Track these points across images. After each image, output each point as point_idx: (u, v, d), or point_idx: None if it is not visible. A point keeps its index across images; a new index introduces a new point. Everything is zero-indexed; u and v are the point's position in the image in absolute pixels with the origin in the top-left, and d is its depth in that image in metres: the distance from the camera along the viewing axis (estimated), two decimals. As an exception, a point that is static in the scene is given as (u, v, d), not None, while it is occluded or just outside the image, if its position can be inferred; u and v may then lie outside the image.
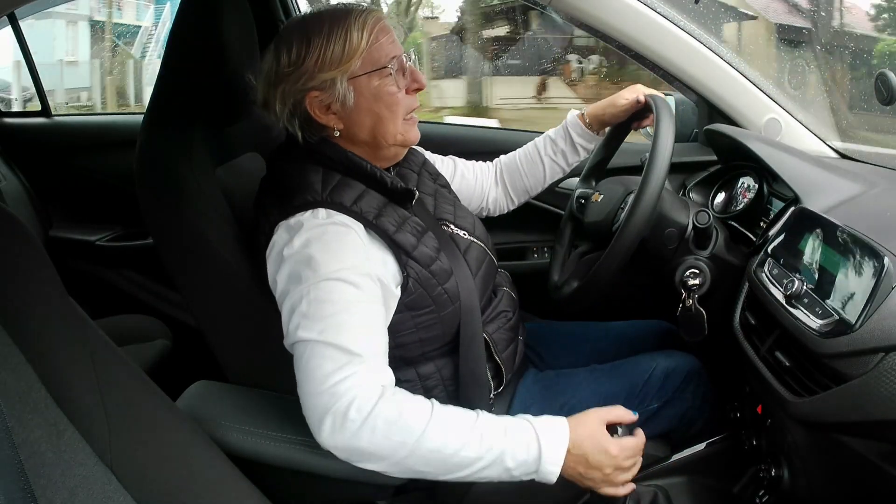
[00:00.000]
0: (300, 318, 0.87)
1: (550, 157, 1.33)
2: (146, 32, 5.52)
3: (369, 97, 0.98)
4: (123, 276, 2.02)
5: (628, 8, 1.34)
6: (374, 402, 0.83)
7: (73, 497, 0.66)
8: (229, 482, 0.83)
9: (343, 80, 0.96)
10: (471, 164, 1.35)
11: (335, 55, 0.95)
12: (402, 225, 0.99)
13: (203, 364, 1.14)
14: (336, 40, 0.95)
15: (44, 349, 0.70)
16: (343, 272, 0.89)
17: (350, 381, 0.83)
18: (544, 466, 0.87)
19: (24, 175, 2.06)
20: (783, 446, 0.99)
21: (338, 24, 0.96)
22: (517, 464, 0.86)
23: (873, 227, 0.90)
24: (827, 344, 0.84)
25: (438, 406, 0.87)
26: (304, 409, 0.85)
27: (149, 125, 1.09)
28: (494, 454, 0.86)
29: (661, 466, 1.09)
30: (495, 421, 0.88)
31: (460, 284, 1.02)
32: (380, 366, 0.88)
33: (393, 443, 0.83)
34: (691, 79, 1.39)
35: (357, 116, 0.99)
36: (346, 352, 0.84)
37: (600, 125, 1.31)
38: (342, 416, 0.82)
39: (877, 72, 1.11)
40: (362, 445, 0.83)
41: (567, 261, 1.32)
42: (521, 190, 1.36)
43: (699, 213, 1.11)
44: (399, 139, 1.02)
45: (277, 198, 0.98)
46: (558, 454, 0.87)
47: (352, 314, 0.87)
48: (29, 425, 0.65)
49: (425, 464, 0.85)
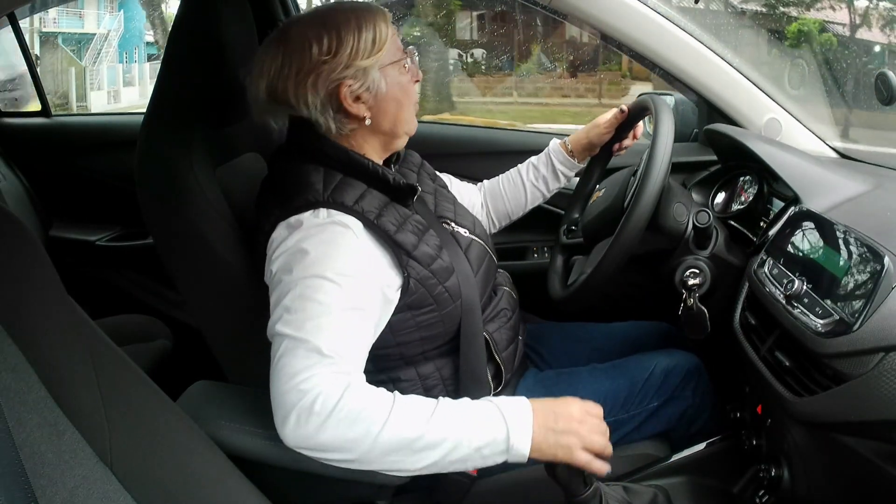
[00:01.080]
0: (282, 312, 0.88)
1: (532, 183, 1.36)
2: (102, 39, 5.68)
3: (395, 85, 1.02)
4: (123, 276, 2.01)
5: (628, 8, 1.34)
6: (338, 397, 0.82)
7: (73, 497, 0.66)
8: (229, 482, 0.82)
9: (376, 69, 1.00)
10: (463, 185, 1.37)
11: (367, 45, 0.99)
12: (402, 224, 0.99)
13: (203, 364, 1.14)
14: (367, 31, 0.99)
15: (44, 349, 0.70)
16: (332, 273, 0.89)
17: (316, 378, 0.83)
18: (514, 438, 0.84)
19: (24, 175, 2.05)
20: (783, 446, 0.99)
21: (365, 17, 1.00)
22: (486, 442, 0.84)
23: (873, 226, 0.90)
24: (827, 344, 0.84)
25: (400, 396, 0.87)
26: (272, 404, 0.85)
27: (149, 125, 1.09)
28: (459, 435, 0.84)
29: (661, 466, 1.09)
30: (456, 404, 0.87)
31: (461, 282, 1.02)
32: (351, 367, 0.87)
33: (356, 434, 0.83)
34: (691, 79, 1.39)
35: (385, 104, 1.02)
36: (318, 353, 0.84)
37: (584, 151, 1.34)
38: (307, 412, 0.82)
39: (877, 72, 1.12)
40: (326, 439, 0.83)
41: (566, 256, 1.33)
42: (502, 214, 1.38)
43: (699, 213, 1.11)
44: (409, 127, 1.07)
45: (279, 198, 0.98)
46: (525, 422, 0.85)
47: (333, 316, 0.87)
48: (29, 425, 0.65)
49: (392, 452, 0.84)
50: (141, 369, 0.80)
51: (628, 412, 1.13)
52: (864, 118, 1.55)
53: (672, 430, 1.17)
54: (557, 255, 1.34)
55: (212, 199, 1.05)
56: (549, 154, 1.35)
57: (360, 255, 0.93)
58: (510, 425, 0.85)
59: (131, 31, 6.26)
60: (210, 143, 1.10)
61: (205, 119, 1.10)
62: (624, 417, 1.13)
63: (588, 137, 1.32)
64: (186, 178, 1.03)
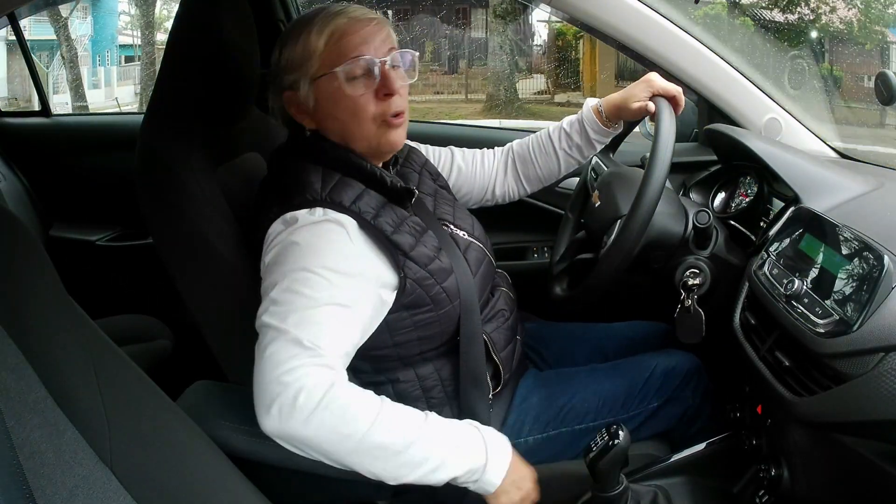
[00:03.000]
0: (269, 303, 0.88)
1: (565, 151, 1.28)
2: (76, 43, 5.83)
3: (328, 99, 0.99)
4: (123, 276, 2.01)
5: (628, 8, 1.34)
6: (323, 392, 0.83)
7: (72, 497, 0.66)
8: (229, 482, 0.82)
9: (305, 82, 0.98)
10: (471, 153, 1.31)
11: (296, 56, 0.98)
12: (399, 225, 0.99)
13: (203, 364, 1.13)
14: (297, 42, 0.98)
15: (44, 349, 0.70)
16: (321, 268, 0.89)
17: (300, 370, 0.83)
18: (488, 474, 0.90)
19: (24, 175, 2.06)
20: (783, 446, 0.99)
21: (301, 26, 0.99)
22: (465, 471, 0.88)
23: (873, 226, 0.90)
24: (827, 344, 0.84)
25: (388, 402, 0.88)
26: (254, 394, 0.85)
27: (149, 125, 1.09)
28: (441, 457, 0.87)
29: (661, 466, 1.09)
30: (443, 424, 0.91)
31: (460, 283, 1.02)
32: (335, 363, 0.87)
33: (340, 435, 0.83)
34: (691, 79, 1.39)
35: (323, 118, 1.01)
36: (303, 346, 0.85)
37: (615, 113, 1.22)
38: (290, 405, 0.82)
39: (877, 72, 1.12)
40: (308, 434, 0.83)
41: (567, 257, 1.32)
42: (534, 179, 1.32)
43: (699, 213, 1.11)
44: (372, 144, 1.01)
45: (278, 197, 0.98)
46: (502, 463, 0.91)
47: (320, 311, 0.88)
48: (29, 425, 0.65)
49: (373, 459, 0.85)
50: (141, 369, 0.80)
51: (628, 412, 1.13)
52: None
53: (672, 431, 1.16)
54: (558, 256, 1.34)
55: (212, 198, 1.05)
56: (583, 122, 1.25)
57: (353, 253, 0.94)
58: (490, 459, 0.90)
59: (103, 36, 6.42)
60: (210, 142, 1.10)
61: (205, 119, 1.10)
62: (623, 418, 1.12)
63: (620, 111, 1.20)
64: (186, 177, 1.03)
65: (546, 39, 6.98)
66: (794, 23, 4.82)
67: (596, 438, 0.89)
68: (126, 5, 6.68)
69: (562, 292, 1.23)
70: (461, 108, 6.78)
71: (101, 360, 0.74)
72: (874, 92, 1.17)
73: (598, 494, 0.89)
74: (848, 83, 3.53)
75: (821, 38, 4.61)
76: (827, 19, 4.86)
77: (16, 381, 0.66)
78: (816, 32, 4.81)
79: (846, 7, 4.74)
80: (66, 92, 5.67)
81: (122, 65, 6.67)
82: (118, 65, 6.61)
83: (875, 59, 4.43)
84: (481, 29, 7.01)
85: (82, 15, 6.19)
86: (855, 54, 4.31)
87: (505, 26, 6.64)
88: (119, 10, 6.69)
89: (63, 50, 5.46)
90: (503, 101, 6.61)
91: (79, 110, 5.35)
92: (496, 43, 6.73)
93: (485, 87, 6.89)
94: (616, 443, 0.86)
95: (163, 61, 1.12)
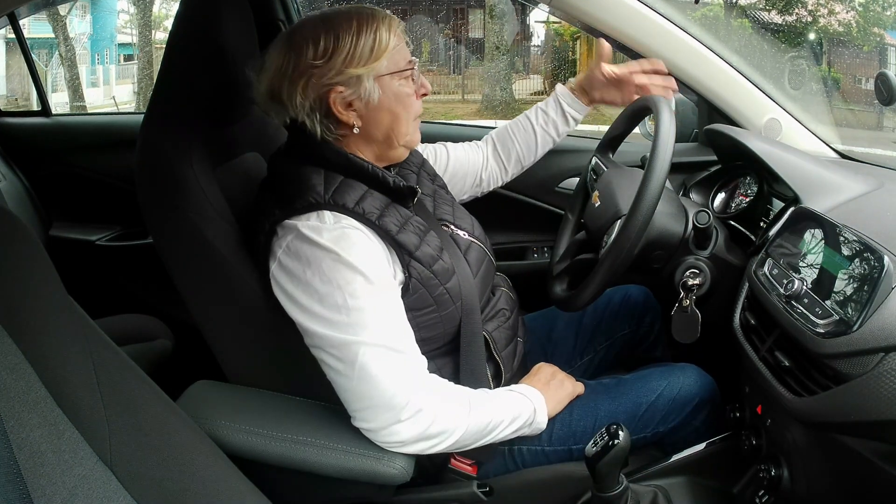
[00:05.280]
0: (332, 317, 0.92)
1: (542, 127, 1.34)
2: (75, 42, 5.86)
3: (391, 96, 1.00)
4: (123, 276, 2.01)
5: (628, 8, 1.34)
6: (433, 414, 0.93)
7: (72, 497, 0.66)
8: (229, 482, 0.82)
9: (370, 78, 0.98)
10: (460, 145, 1.36)
11: (364, 52, 0.97)
12: (404, 225, 0.99)
13: (203, 364, 1.13)
14: (366, 38, 0.97)
15: (44, 349, 0.70)
16: (370, 274, 0.93)
17: (406, 379, 0.92)
18: (538, 417, 1.04)
19: (24, 175, 2.05)
20: (783, 446, 0.99)
21: (367, 23, 0.97)
22: (522, 422, 1.02)
23: (873, 227, 0.90)
24: (827, 344, 0.84)
25: (468, 389, 1.01)
26: (367, 414, 0.92)
27: (149, 125, 1.09)
28: (510, 417, 1.01)
29: (661, 466, 1.09)
30: (493, 393, 1.03)
31: (462, 284, 1.02)
32: (419, 358, 0.96)
33: (452, 422, 0.95)
34: (691, 79, 1.39)
35: (377, 114, 1.00)
36: (396, 352, 0.92)
37: (587, 87, 1.31)
38: (413, 413, 0.92)
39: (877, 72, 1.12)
40: (432, 431, 0.93)
41: (567, 257, 1.32)
42: (513, 159, 1.36)
43: (699, 213, 1.11)
44: (408, 140, 1.05)
45: (279, 198, 0.98)
46: (541, 404, 1.05)
47: (387, 313, 0.93)
48: (28, 425, 0.65)
49: (471, 435, 0.97)
50: (141, 369, 0.80)
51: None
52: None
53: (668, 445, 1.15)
54: (557, 256, 1.34)
55: (212, 198, 1.05)
56: (557, 97, 1.33)
57: (377, 252, 0.96)
58: (536, 405, 1.04)
59: (102, 35, 6.42)
60: (210, 142, 1.10)
61: (204, 119, 1.10)
62: None
63: (589, 74, 1.30)
64: (186, 177, 1.03)
65: (543, 40, 7.00)
66: (792, 24, 4.83)
67: (596, 438, 0.89)
68: (125, 4, 6.68)
69: (562, 292, 1.23)
70: (457, 109, 6.81)
71: (101, 360, 0.74)
72: (874, 92, 1.17)
73: (598, 494, 0.89)
74: (846, 85, 3.54)
75: (819, 40, 4.63)
76: (825, 21, 4.87)
77: (15, 381, 0.66)
78: (815, 34, 4.83)
79: (845, 10, 4.76)
80: (65, 90, 5.69)
81: (122, 63, 6.66)
82: (117, 63, 6.61)
83: (873, 61, 4.44)
84: (478, 29, 7.02)
85: (81, 13, 6.20)
86: (853, 56, 4.33)
87: (502, 27, 6.67)
88: (118, 8, 6.68)
89: (62, 48, 5.46)
90: (499, 101, 6.64)
91: (77, 109, 5.35)
92: (493, 43, 6.75)
93: (481, 87, 6.92)
94: (616, 443, 0.87)
95: (163, 61, 1.12)
